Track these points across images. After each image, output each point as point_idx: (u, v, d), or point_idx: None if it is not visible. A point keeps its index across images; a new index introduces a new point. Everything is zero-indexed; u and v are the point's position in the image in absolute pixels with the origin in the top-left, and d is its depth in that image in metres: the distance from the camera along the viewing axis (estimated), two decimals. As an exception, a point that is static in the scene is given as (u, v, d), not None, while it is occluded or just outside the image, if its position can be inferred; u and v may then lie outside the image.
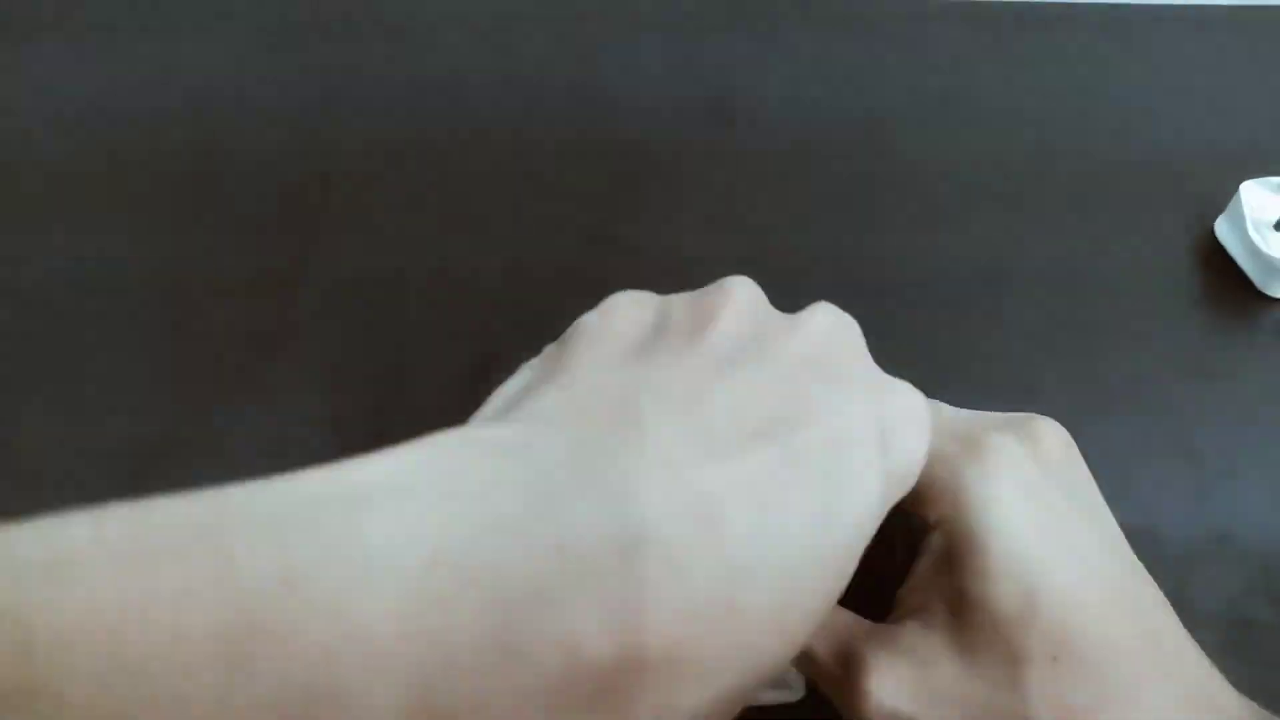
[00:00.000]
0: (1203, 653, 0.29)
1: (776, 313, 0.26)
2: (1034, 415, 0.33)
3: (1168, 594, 0.34)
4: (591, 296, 0.46)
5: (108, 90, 0.60)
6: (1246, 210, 0.48)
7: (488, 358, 0.48)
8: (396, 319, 0.49)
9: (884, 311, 0.48)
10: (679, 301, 0.26)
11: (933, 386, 0.47)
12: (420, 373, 0.47)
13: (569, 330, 0.26)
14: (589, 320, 0.26)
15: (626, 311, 0.26)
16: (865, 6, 0.61)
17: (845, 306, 0.44)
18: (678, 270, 0.51)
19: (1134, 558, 0.31)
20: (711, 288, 0.26)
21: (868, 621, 0.29)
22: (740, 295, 0.26)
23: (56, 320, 0.49)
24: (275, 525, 0.16)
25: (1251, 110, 0.57)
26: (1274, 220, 0.48)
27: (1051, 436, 0.32)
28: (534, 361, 0.26)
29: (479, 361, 0.47)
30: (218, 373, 0.46)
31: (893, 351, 0.48)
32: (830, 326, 0.26)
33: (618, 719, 0.17)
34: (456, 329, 0.47)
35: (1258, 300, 0.48)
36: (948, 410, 0.34)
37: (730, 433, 0.20)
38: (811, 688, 0.34)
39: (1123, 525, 0.41)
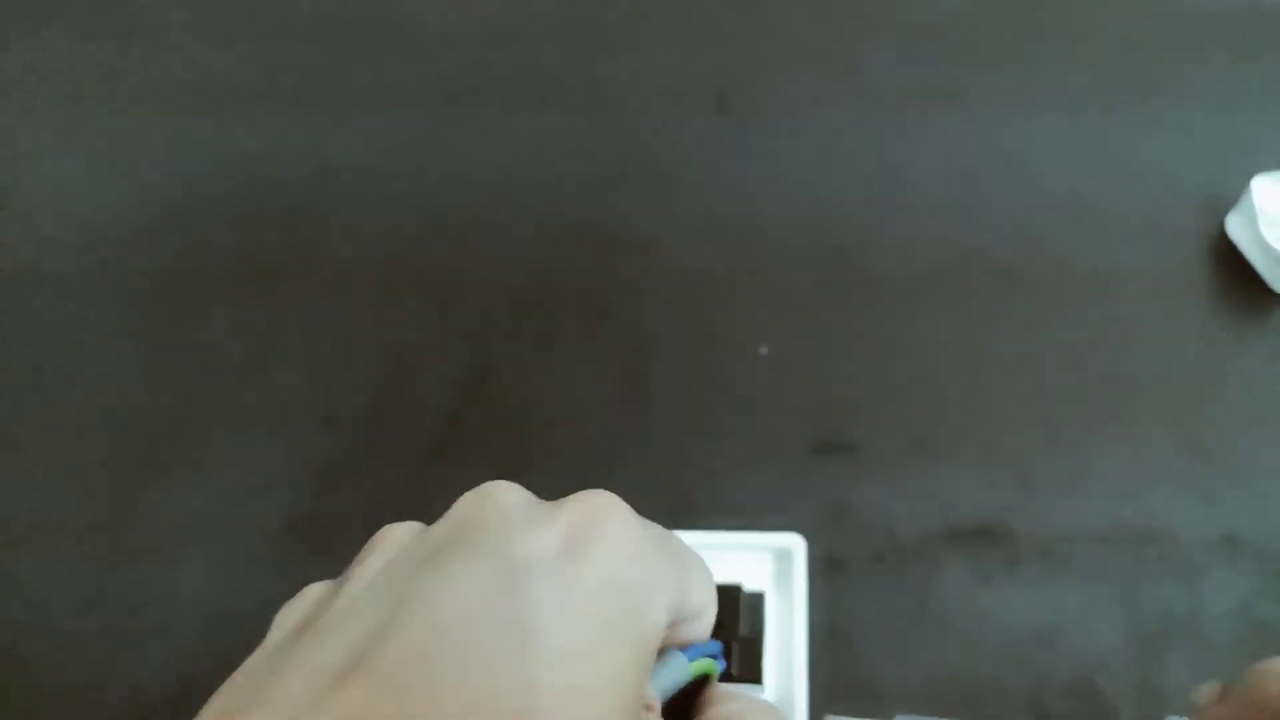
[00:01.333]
0: None
1: (425, 533, 0.22)
2: None
3: (1179, 596, 0.34)
4: (590, 294, 0.46)
5: (105, 85, 0.59)
6: (1258, 205, 0.47)
7: (484, 357, 0.48)
8: (391, 318, 0.48)
9: (889, 309, 0.48)
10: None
11: (941, 386, 0.46)
12: (415, 372, 0.46)
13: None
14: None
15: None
16: (866, 4, 0.61)
17: (848, 302, 0.44)
18: (676, 266, 0.51)
19: None
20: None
21: None
22: (378, 547, 0.22)
23: (50, 322, 0.49)
24: None
25: (1262, 104, 0.56)
26: (1286, 216, 0.47)
27: None
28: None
29: (475, 361, 0.46)
30: (213, 372, 0.46)
31: (897, 350, 0.48)
32: (469, 505, 0.22)
33: None
34: (452, 328, 0.47)
35: (1269, 298, 0.48)
36: None
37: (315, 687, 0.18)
38: None
39: (1134, 526, 0.41)
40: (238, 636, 0.25)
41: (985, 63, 0.58)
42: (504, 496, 0.22)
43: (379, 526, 0.43)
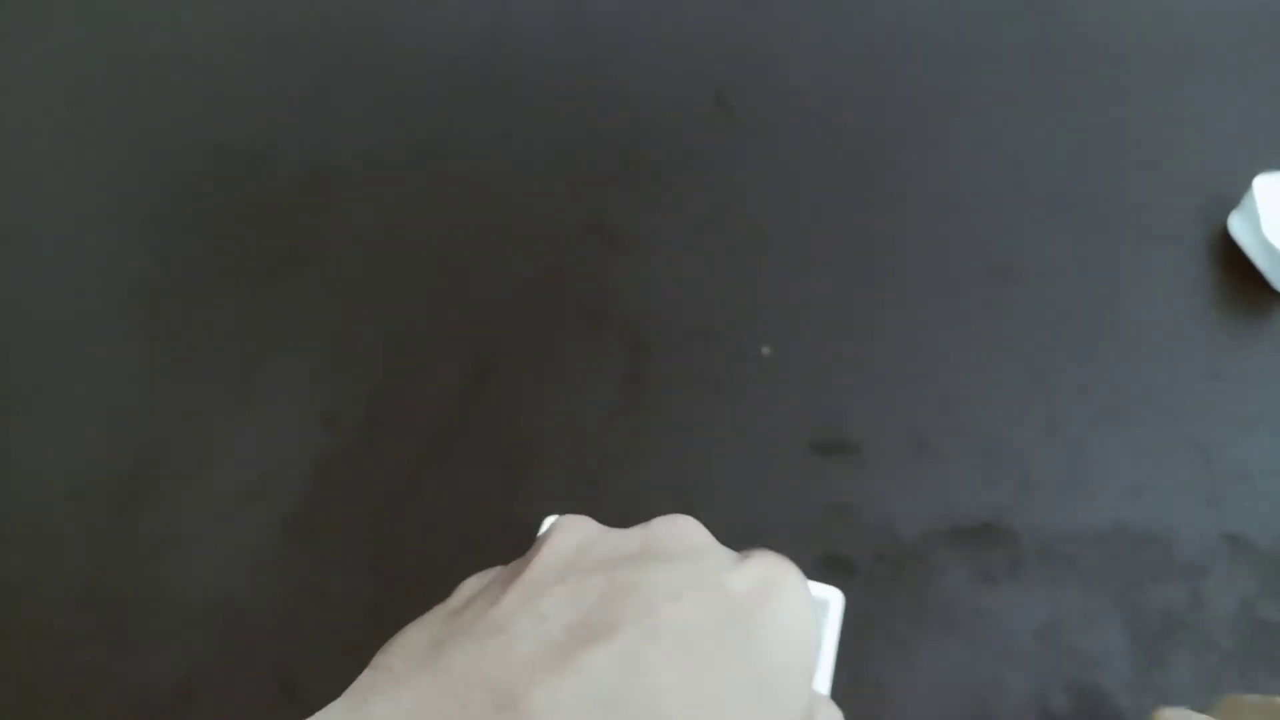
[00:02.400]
0: None
1: (613, 532, 0.24)
2: None
3: (1180, 597, 0.34)
4: (590, 294, 0.46)
5: (105, 83, 0.59)
6: (1260, 205, 0.47)
7: (484, 357, 0.48)
8: (391, 318, 0.48)
9: (889, 309, 0.48)
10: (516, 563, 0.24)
11: (940, 387, 0.46)
12: (415, 372, 0.46)
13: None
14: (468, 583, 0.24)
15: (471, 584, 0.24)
16: (866, 3, 0.61)
17: (848, 302, 0.44)
18: (677, 266, 0.51)
19: None
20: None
21: None
22: (561, 533, 0.24)
23: (49, 321, 0.49)
24: None
25: (1265, 104, 0.56)
26: (1288, 216, 0.47)
27: None
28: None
29: (475, 361, 0.46)
30: (212, 371, 0.46)
31: (897, 349, 0.47)
32: (666, 525, 0.24)
33: None
34: (452, 326, 0.47)
35: (1271, 298, 0.48)
36: None
37: (556, 642, 0.19)
38: None
39: (1135, 525, 0.40)
40: (238, 636, 0.25)
41: (985, 62, 0.58)
42: (696, 530, 0.24)
43: (379, 526, 0.43)
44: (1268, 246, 0.47)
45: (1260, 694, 0.28)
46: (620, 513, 0.24)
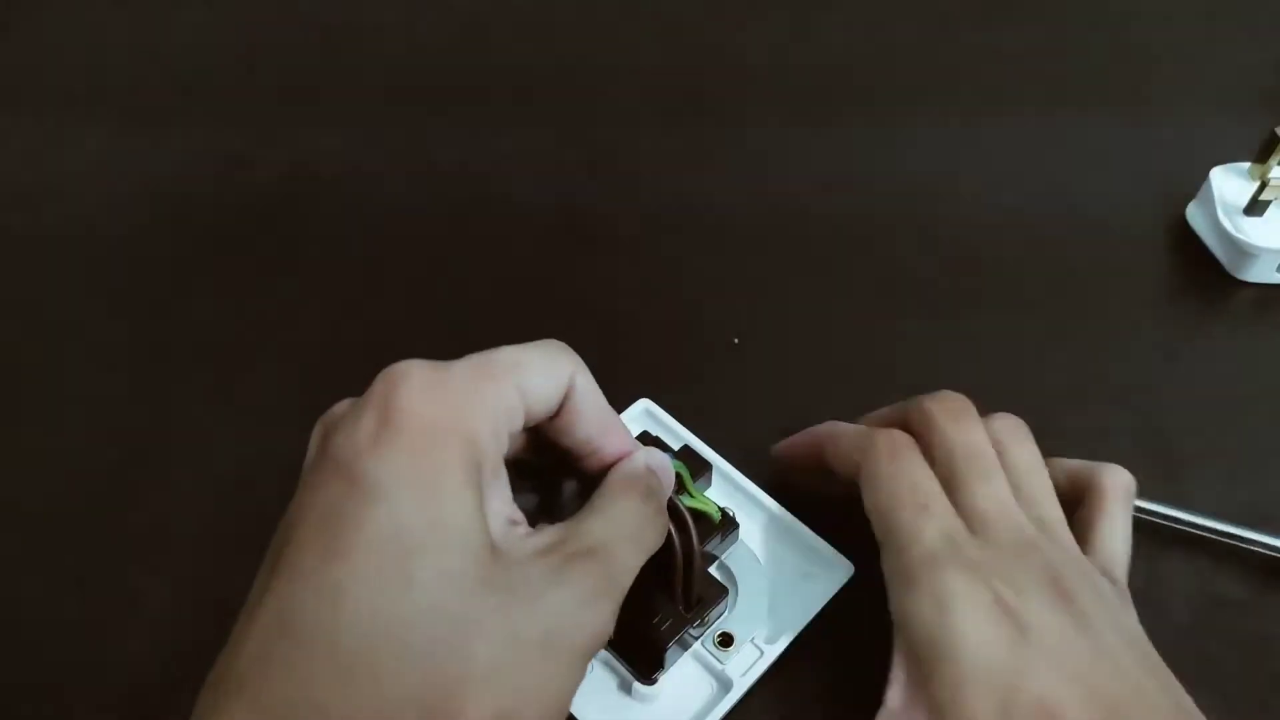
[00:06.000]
0: None
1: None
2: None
3: (1138, 576, 0.35)
4: (571, 291, 0.46)
5: (96, 84, 0.59)
6: (1216, 195, 0.49)
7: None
8: (377, 317, 0.49)
9: (854, 295, 0.49)
10: None
11: (905, 376, 0.47)
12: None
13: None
14: None
15: None
16: (846, 5, 0.61)
17: (815, 294, 0.45)
18: (673, 263, 0.51)
19: (1147, 655, 0.30)
20: None
21: None
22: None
23: (36, 322, 0.49)
24: None
25: (1221, 96, 0.58)
26: (1243, 205, 0.48)
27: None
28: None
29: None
30: (201, 373, 0.46)
31: (862, 336, 0.48)
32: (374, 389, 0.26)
33: None
34: (446, 325, 0.47)
35: (1228, 284, 0.49)
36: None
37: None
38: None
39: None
40: (228, 630, 0.26)
41: (953, 64, 0.59)
42: (399, 382, 0.26)
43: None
44: (1223, 235, 0.48)
45: None
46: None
